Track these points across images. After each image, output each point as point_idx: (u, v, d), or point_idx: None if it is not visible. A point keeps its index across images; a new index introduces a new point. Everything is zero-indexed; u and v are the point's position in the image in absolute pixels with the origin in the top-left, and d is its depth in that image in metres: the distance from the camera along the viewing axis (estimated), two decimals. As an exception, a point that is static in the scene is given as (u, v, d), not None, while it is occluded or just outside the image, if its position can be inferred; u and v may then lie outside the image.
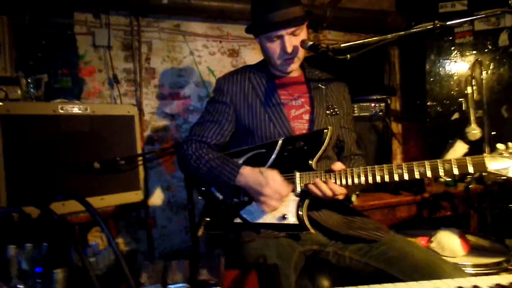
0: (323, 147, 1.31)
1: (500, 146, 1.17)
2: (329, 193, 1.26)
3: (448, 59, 2.74)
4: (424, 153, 2.86)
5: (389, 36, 1.33)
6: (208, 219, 1.41)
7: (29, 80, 2.07)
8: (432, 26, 1.35)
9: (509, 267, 1.50)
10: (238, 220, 1.35)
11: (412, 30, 1.35)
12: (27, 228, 0.66)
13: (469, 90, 1.60)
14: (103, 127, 1.95)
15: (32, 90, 2.05)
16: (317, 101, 1.50)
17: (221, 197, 1.41)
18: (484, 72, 1.83)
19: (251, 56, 2.78)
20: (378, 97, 2.32)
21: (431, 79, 2.78)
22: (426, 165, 1.17)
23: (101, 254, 0.72)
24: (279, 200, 1.30)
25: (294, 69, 1.51)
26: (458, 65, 2.73)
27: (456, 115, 2.71)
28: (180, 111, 2.63)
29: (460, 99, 2.58)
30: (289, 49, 1.41)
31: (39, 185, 1.71)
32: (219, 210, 1.41)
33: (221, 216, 1.40)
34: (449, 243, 1.55)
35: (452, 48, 2.73)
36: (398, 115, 2.94)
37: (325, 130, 1.33)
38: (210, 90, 2.68)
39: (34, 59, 2.27)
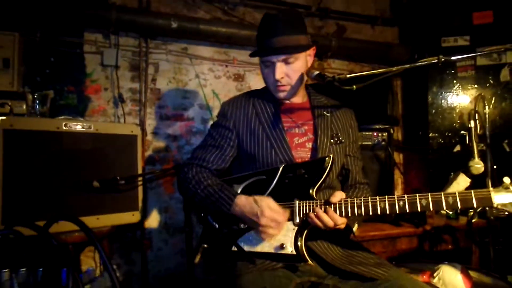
0: (324, 176, 1.30)
1: (506, 180, 1.16)
2: (330, 223, 1.24)
3: (450, 92, 2.78)
4: (425, 184, 2.84)
5: (394, 68, 1.35)
6: (206, 246, 1.38)
7: (35, 96, 2.09)
8: (436, 60, 1.37)
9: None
10: (235, 248, 1.32)
11: (417, 64, 1.37)
12: (22, 251, 0.64)
13: (472, 124, 1.61)
14: (106, 146, 1.95)
15: (37, 105, 2.06)
16: (321, 129, 1.49)
17: (217, 225, 1.39)
18: (486, 107, 1.85)
19: (256, 81, 2.82)
20: (381, 126, 2.33)
21: (433, 111, 2.80)
22: (429, 198, 1.16)
23: (97, 280, 0.70)
24: (276, 228, 1.27)
25: (286, 97, 1.50)
26: (460, 98, 2.76)
27: (458, 148, 2.71)
28: (182, 133, 2.63)
29: (462, 132, 2.60)
30: (278, 76, 1.41)
31: (37, 203, 1.69)
32: (216, 238, 1.39)
33: (219, 244, 1.37)
34: (451, 279, 1.51)
35: (454, 81, 2.76)
36: (400, 145, 2.95)
37: (326, 158, 1.32)
38: (214, 113, 2.69)
39: (42, 75, 2.30)
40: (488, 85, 2.67)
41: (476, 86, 2.70)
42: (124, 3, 2.45)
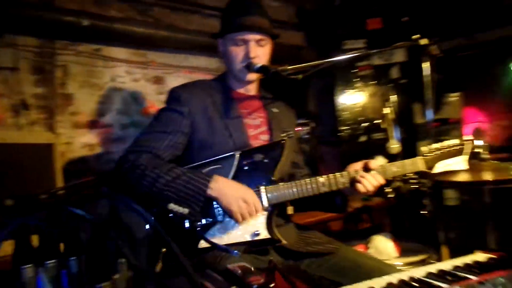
0: (283, 158, 1.34)
1: (424, 148, 1.40)
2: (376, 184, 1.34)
3: (353, 88, 3.12)
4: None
5: (334, 59, 1.50)
6: (165, 249, 1.28)
7: None
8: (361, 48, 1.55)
9: (431, 262, 1.71)
10: (204, 245, 1.26)
11: (350, 55, 1.54)
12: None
13: (387, 110, 1.85)
14: (16, 157, 1.68)
15: None
16: (275, 122, 1.53)
17: (186, 211, 1.24)
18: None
19: (176, 82, 2.70)
20: (303, 121, 2.50)
21: (341, 107, 3.11)
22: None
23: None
24: (252, 214, 1.27)
25: (253, 80, 1.50)
26: (362, 94, 3.13)
27: (363, 138, 3.07)
28: (100, 141, 2.42)
29: (363, 124, 2.96)
30: (253, 54, 1.41)
31: None
32: (179, 236, 1.29)
33: (182, 243, 1.28)
34: (384, 247, 1.71)
35: (356, 79, 3.12)
36: (319, 140, 3.20)
37: (281, 141, 1.37)
38: (135, 118, 2.54)
39: None
40: (383, 81, 3.09)
41: (374, 82, 3.10)
42: (22, -3, 2.16)
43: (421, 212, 2.09)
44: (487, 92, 3.16)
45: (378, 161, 1.41)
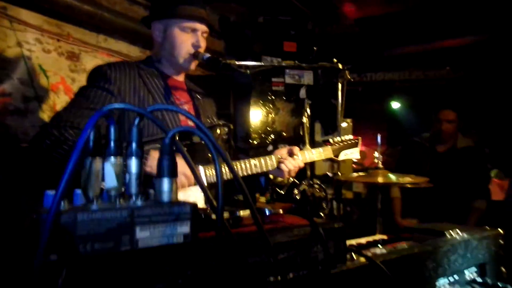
0: (218, 141, 1.43)
1: (330, 140, 1.79)
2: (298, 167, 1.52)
3: (266, 101, 3.38)
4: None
5: (274, 63, 1.67)
6: None
7: None
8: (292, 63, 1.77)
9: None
10: None
11: (275, 64, 1.73)
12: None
13: (304, 120, 2.10)
14: None
15: None
16: (201, 110, 1.59)
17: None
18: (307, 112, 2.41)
19: (93, 63, 2.56)
20: (223, 122, 2.60)
21: (253, 116, 3.33)
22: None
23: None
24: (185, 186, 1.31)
25: (194, 68, 1.54)
26: (273, 107, 3.41)
27: (270, 147, 3.33)
28: (-6, 110, 2.09)
29: (272, 136, 3.23)
30: (203, 43, 1.47)
31: None
32: None
33: None
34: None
35: (270, 93, 3.39)
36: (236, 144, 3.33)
37: (217, 126, 1.50)
38: (40, 92, 2.28)
39: None
40: (292, 99, 3.43)
41: (284, 98, 3.41)
42: None
43: (320, 213, 2.39)
44: (370, 122, 3.80)
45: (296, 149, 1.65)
